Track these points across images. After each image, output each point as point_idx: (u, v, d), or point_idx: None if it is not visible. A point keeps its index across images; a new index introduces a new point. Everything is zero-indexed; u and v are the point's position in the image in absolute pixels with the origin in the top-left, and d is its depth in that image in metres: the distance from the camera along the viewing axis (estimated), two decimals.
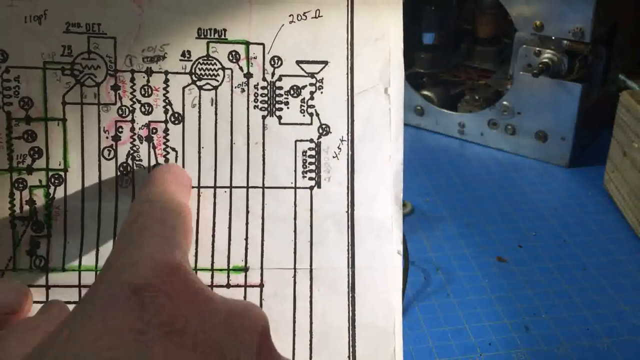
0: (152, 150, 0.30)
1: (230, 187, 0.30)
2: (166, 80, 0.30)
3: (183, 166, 0.30)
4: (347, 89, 0.30)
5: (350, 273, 0.30)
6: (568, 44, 0.66)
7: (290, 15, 0.30)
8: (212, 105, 0.30)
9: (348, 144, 0.30)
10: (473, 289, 0.53)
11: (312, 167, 0.30)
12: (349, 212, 0.30)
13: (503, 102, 0.72)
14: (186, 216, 0.27)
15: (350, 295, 0.30)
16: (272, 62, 0.30)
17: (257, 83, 0.30)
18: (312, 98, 0.30)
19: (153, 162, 0.30)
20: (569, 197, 0.66)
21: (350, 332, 0.30)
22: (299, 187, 0.30)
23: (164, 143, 0.30)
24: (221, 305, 0.22)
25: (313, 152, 0.30)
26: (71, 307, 0.29)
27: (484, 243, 0.59)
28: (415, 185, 0.68)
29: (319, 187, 0.30)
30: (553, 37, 0.67)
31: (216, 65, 0.30)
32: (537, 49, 0.68)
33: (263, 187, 0.30)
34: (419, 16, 0.77)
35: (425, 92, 0.79)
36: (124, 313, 0.20)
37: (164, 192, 0.27)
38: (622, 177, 0.62)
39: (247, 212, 0.30)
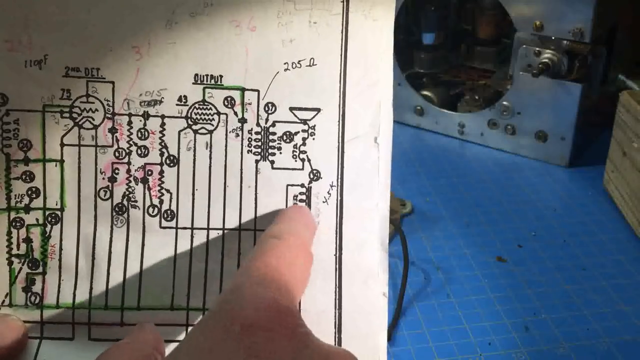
0: (147, 191, 0.30)
1: (223, 229, 0.31)
2: (162, 124, 0.30)
3: (177, 208, 0.30)
4: (338, 136, 0.31)
5: (337, 315, 0.30)
6: (568, 44, 0.66)
7: (285, 63, 0.30)
8: (206, 148, 0.30)
9: (337, 190, 0.31)
10: (473, 289, 0.53)
11: None
12: (337, 255, 0.31)
13: (503, 102, 0.72)
14: (310, 264, 0.28)
15: (337, 336, 0.30)
16: (267, 109, 0.30)
17: (251, 128, 0.30)
18: (304, 144, 0.31)
19: (148, 204, 0.30)
20: (569, 197, 0.66)
21: None
22: None
23: (159, 185, 0.30)
24: (322, 351, 0.23)
25: (304, 197, 0.31)
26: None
27: (483, 243, 0.59)
28: (415, 185, 0.68)
29: None
30: (553, 37, 0.67)
31: (212, 110, 0.30)
32: (537, 49, 0.68)
33: (255, 230, 0.31)
34: (419, 16, 0.77)
35: (425, 92, 0.79)
36: (230, 351, 0.22)
37: (295, 233, 0.28)
38: (622, 177, 0.62)
39: (239, 253, 0.31)
